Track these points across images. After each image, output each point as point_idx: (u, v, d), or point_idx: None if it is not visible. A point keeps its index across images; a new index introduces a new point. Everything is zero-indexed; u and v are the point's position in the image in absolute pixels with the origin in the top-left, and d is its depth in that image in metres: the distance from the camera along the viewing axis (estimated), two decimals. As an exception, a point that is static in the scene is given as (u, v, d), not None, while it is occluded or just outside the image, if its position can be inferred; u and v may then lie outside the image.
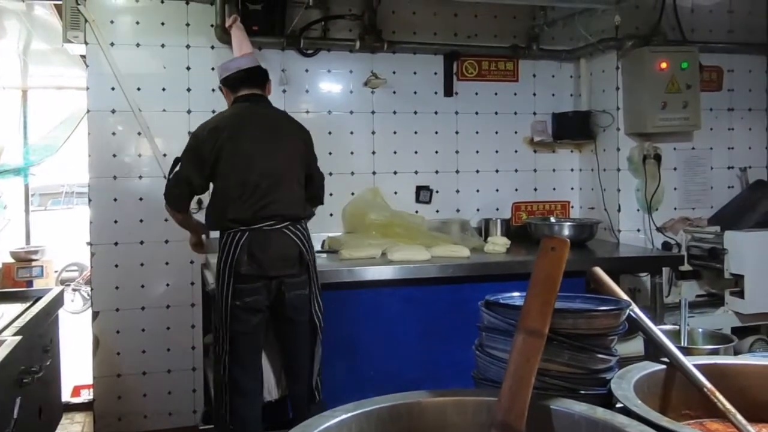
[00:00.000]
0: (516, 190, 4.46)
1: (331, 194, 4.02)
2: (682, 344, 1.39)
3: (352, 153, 4.15)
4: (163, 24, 3.84)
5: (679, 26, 4.18)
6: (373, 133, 4.20)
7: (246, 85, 3.03)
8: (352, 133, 4.16)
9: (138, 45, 3.81)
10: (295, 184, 2.91)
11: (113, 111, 3.77)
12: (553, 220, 4.30)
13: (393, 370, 3.17)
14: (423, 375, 3.19)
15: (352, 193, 4.11)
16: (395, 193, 4.21)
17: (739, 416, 1.02)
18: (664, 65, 3.93)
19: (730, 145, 4.40)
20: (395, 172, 4.23)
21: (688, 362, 1.11)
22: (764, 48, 4.45)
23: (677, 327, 1.42)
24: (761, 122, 4.47)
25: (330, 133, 4.08)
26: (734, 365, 1.18)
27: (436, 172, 4.30)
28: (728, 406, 1.04)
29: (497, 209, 4.38)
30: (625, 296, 1.19)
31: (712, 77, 4.34)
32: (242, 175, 2.82)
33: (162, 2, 3.83)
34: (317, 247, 3.38)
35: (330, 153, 4.02)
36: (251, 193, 2.80)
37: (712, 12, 4.37)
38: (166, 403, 3.84)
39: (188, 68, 3.87)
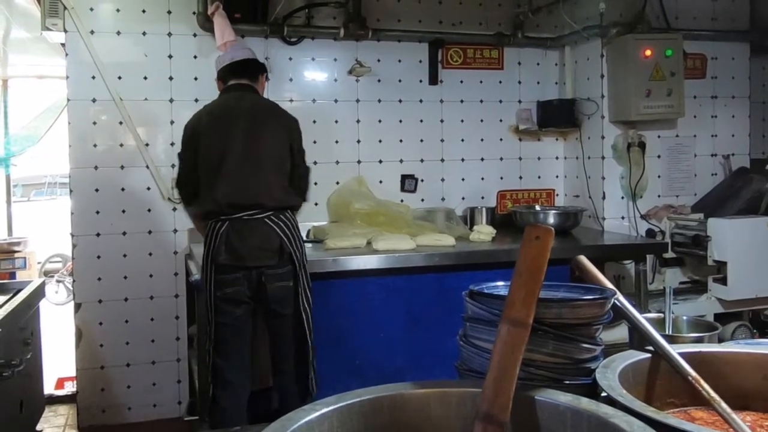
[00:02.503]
0: (501, 178, 4.45)
1: (315, 183, 4.00)
2: (667, 332, 1.39)
3: (336, 142, 4.13)
4: (144, 11, 3.78)
5: (663, 14, 4.19)
6: (358, 121, 4.17)
7: (235, 75, 3.02)
8: (336, 121, 4.13)
9: (119, 33, 3.75)
10: (277, 174, 2.87)
11: (94, 100, 3.72)
12: (538, 208, 4.30)
13: (378, 359, 3.17)
14: (408, 364, 3.19)
15: (337, 182, 4.09)
16: (380, 182, 4.19)
17: (723, 404, 1.02)
18: (648, 53, 3.93)
19: (713, 133, 4.42)
20: (380, 161, 4.21)
21: (673, 350, 1.10)
22: (747, 35, 4.46)
23: (662, 315, 1.42)
24: (744, 110, 4.49)
25: (314, 121, 4.05)
26: (718, 353, 1.18)
27: (421, 160, 4.29)
28: (713, 394, 1.03)
29: (482, 198, 4.38)
30: (610, 285, 1.18)
31: (696, 65, 4.35)
32: (217, 164, 2.82)
33: (142, -11, 3.78)
34: (302, 236, 3.37)
35: (314, 142, 4.00)
36: (226, 182, 2.79)
37: (696, -1, 4.38)
38: (151, 394, 3.82)
39: (170, 56, 3.82)
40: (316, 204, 4.01)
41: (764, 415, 1.11)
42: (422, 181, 4.28)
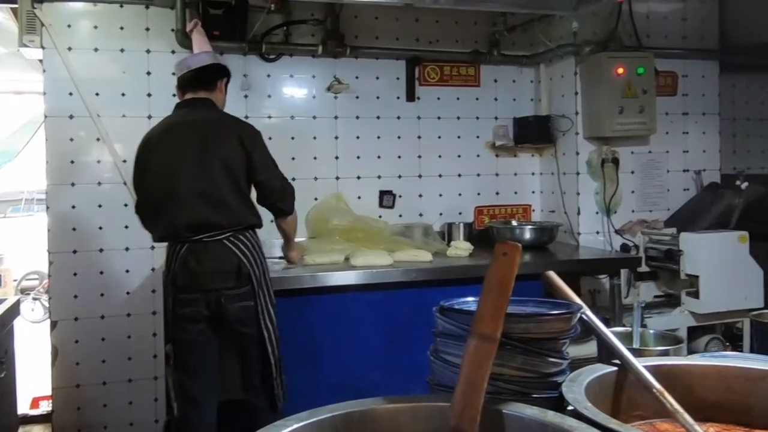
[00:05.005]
0: (478, 194, 4.49)
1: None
2: (635, 346, 1.42)
3: (315, 158, 4.14)
4: (122, 28, 3.79)
5: (635, 32, 4.26)
6: (336, 138, 4.20)
7: (192, 87, 2.96)
8: (315, 138, 4.15)
9: (96, 49, 3.75)
10: (234, 193, 2.80)
11: (71, 116, 3.71)
12: (515, 223, 4.35)
13: (356, 375, 3.18)
14: (386, 379, 3.20)
15: (315, 199, 4.10)
16: (358, 198, 4.21)
17: (686, 416, 1.04)
18: (620, 70, 4.01)
19: (685, 149, 4.49)
20: (358, 177, 4.24)
21: (638, 363, 1.12)
22: (716, 54, 4.56)
23: (629, 329, 1.45)
24: (714, 126, 4.57)
25: (293, 138, 4.07)
26: (682, 366, 1.21)
27: (399, 176, 4.32)
28: (676, 406, 1.05)
29: (460, 213, 4.42)
30: (577, 299, 1.21)
31: (667, 82, 4.43)
32: (170, 188, 2.77)
33: (121, 6, 3.78)
34: (280, 252, 3.37)
35: (293, 158, 4.02)
36: (181, 206, 2.74)
37: (667, 19, 4.47)
38: (127, 413, 3.78)
39: (148, 73, 3.83)
40: (294, 220, 4.02)
41: (727, 426, 1.14)
42: (400, 196, 4.31)
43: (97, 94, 3.73)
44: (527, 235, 4.00)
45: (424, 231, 4.01)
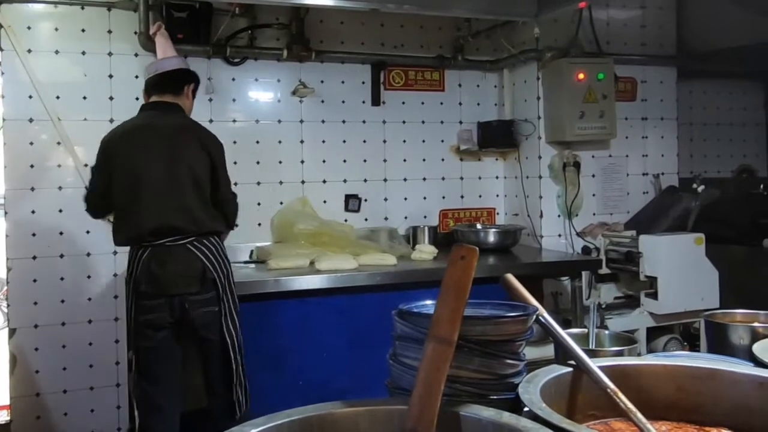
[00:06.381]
0: (443, 197, 4.53)
1: (259, 203, 4.02)
2: (590, 347, 1.45)
3: (280, 162, 4.14)
4: (83, 30, 3.74)
5: (595, 39, 4.34)
6: (302, 142, 4.19)
7: (158, 90, 2.95)
8: (280, 142, 4.14)
9: (57, 52, 3.69)
10: (199, 198, 2.80)
11: (31, 120, 3.64)
12: (479, 226, 4.39)
13: (321, 379, 3.18)
14: (352, 384, 3.21)
15: (281, 203, 4.10)
16: (324, 202, 4.21)
17: (639, 415, 1.06)
18: (581, 76, 4.08)
19: (644, 153, 4.59)
20: (324, 181, 4.24)
21: (593, 364, 1.14)
22: (675, 60, 4.68)
23: (586, 330, 1.48)
24: (672, 131, 4.68)
25: (258, 142, 4.06)
26: (636, 366, 1.23)
27: (365, 180, 4.33)
28: (629, 405, 1.07)
29: (425, 217, 4.44)
30: (534, 302, 1.22)
31: (627, 88, 4.52)
32: (135, 190, 2.75)
33: (82, 8, 3.72)
34: (245, 257, 3.36)
35: (258, 162, 4.01)
36: (147, 209, 2.72)
37: (626, 26, 4.57)
38: (89, 421, 3.71)
39: (111, 76, 3.78)
40: (259, 224, 4.01)
41: (678, 424, 1.16)
42: (366, 200, 4.32)
43: (57, 98, 3.68)
44: (491, 239, 4.05)
45: (390, 235, 4.02)
